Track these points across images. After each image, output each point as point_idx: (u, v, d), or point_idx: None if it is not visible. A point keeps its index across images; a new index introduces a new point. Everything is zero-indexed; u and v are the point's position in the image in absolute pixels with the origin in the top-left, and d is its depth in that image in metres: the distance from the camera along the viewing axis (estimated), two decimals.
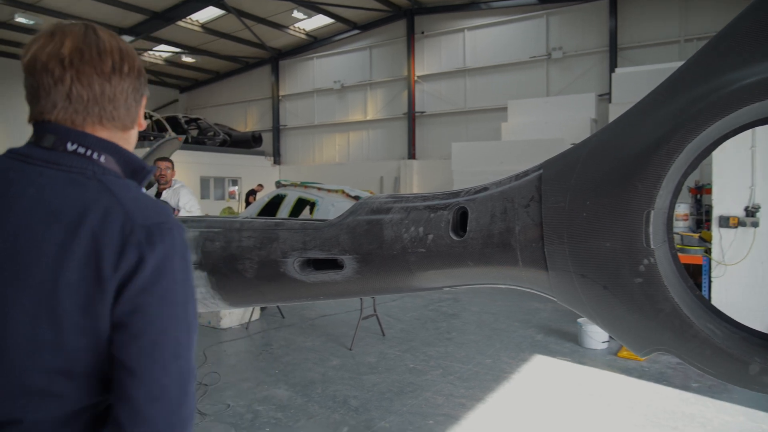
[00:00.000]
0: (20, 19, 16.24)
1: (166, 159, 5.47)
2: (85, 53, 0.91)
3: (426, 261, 2.54)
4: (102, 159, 0.94)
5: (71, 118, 0.92)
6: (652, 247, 1.44)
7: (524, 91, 15.59)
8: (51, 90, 0.90)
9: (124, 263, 0.85)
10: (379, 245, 2.62)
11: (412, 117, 17.95)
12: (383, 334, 5.98)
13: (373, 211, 2.73)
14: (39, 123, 0.94)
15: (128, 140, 1.02)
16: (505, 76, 16.35)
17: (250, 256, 2.90)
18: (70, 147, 0.92)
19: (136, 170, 1.00)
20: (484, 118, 16.62)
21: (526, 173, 2.13)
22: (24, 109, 0.99)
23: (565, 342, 5.77)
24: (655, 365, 4.92)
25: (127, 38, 17.32)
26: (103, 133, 0.96)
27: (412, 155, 17.98)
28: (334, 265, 2.80)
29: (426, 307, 7.43)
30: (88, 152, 0.93)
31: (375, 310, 6.06)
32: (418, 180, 17.75)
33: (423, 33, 17.75)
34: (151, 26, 16.78)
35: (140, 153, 9.95)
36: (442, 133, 17.56)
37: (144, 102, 1.04)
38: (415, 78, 17.95)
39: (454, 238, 2.42)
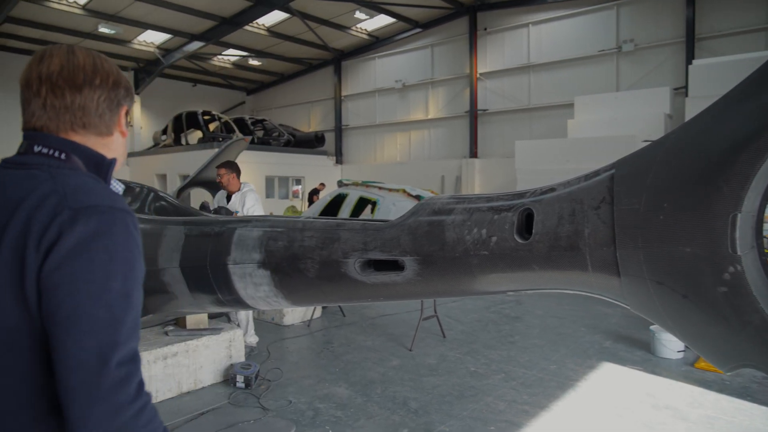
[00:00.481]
0: (103, 30, 17.33)
1: (225, 165, 5.53)
2: (63, 70, 1.04)
3: (489, 264, 2.48)
4: (62, 156, 1.03)
5: (46, 125, 1.05)
6: (738, 253, 1.32)
7: (592, 86, 15.00)
8: (31, 101, 1.05)
9: (44, 242, 0.90)
10: (440, 247, 2.58)
11: (474, 115, 17.70)
12: (444, 336, 5.92)
13: (434, 212, 2.69)
14: (24, 131, 1.08)
15: (108, 145, 1.12)
16: (571, 72, 15.80)
17: (312, 255, 2.93)
18: (36, 149, 1.04)
19: (97, 164, 1.08)
20: (549, 116, 16.14)
21: (596, 173, 2.03)
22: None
23: (636, 350, 5.49)
24: (738, 379, 4.58)
25: (198, 43, 18.13)
26: (76, 138, 1.07)
27: (474, 154, 17.73)
28: (395, 266, 2.78)
29: (487, 309, 7.29)
30: (51, 151, 1.03)
31: (435, 311, 6.00)
32: (479, 179, 17.49)
33: (486, 29, 17.46)
34: (221, 31, 17.44)
35: (209, 154, 10.36)
36: (505, 131, 17.21)
37: (123, 111, 1.14)
38: (478, 75, 17.68)
39: (519, 240, 2.34)
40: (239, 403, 4.11)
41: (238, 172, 5.55)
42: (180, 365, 4.24)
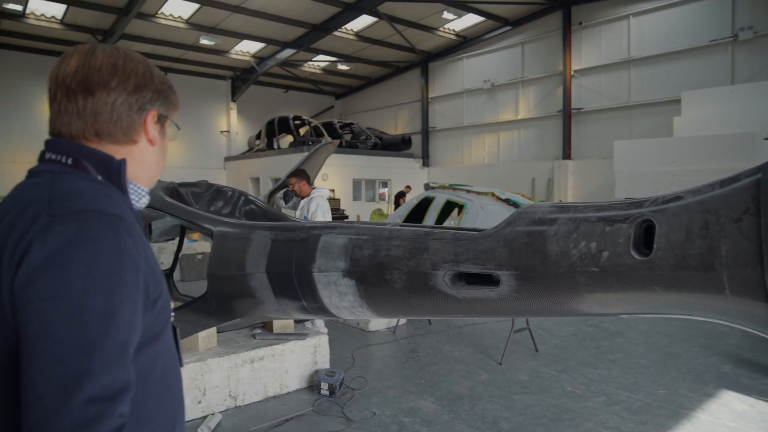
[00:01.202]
0: (204, 41, 18.38)
1: (294, 174, 6.01)
2: (77, 72, 0.95)
3: (599, 282, 2.19)
4: (69, 161, 0.95)
5: (62, 131, 0.98)
6: None
7: (701, 80, 13.71)
8: (51, 106, 0.99)
9: (17, 253, 0.79)
10: (541, 261, 2.31)
11: (567, 114, 16.83)
12: (536, 350, 5.55)
13: (534, 221, 2.43)
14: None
15: (130, 155, 1.02)
16: (677, 65, 14.55)
17: (399, 266, 2.77)
18: (46, 156, 0.98)
19: (106, 167, 0.97)
20: (652, 113, 14.98)
21: (735, 179, 1.71)
22: None
23: (763, 377, 4.82)
24: None
25: (289, 51, 18.72)
26: (91, 145, 0.98)
27: (567, 155, 16.85)
28: (489, 280, 2.55)
29: (584, 322, 6.78)
30: (58, 157, 0.96)
31: (527, 323, 5.65)
32: (573, 181, 16.59)
33: (581, 24, 16.54)
34: (311, 38, 17.89)
35: (298, 157, 10.58)
36: (602, 131, 16.19)
37: (149, 117, 1.02)
38: (572, 73, 16.79)
39: (636, 257, 2.05)
40: (323, 411, 4.04)
41: (307, 178, 5.95)
42: (266, 369, 4.25)
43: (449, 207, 9.28)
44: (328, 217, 5.70)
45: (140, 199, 1.06)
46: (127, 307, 0.81)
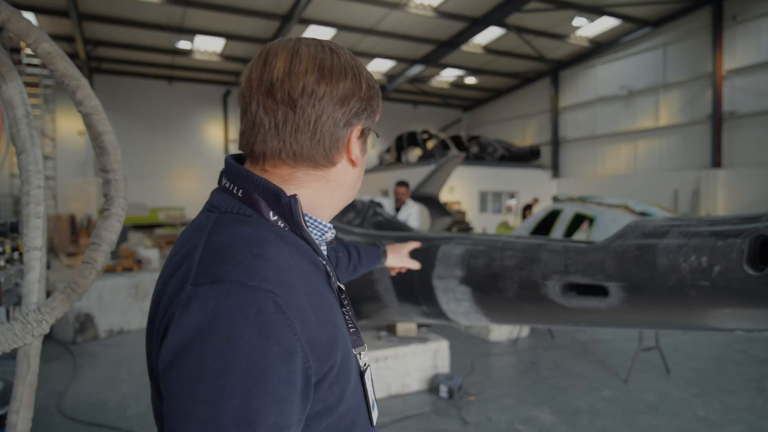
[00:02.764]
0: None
1: (402, 184, 7.01)
2: (281, 78, 0.80)
3: (711, 297, 2.22)
4: (240, 193, 0.82)
5: (252, 147, 0.84)
6: None
7: None
8: (243, 117, 0.85)
9: (160, 330, 0.71)
10: (651, 274, 2.38)
11: (717, 119, 15.32)
12: (667, 371, 5.26)
13: (645, 235, 2.50)
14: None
15: (326, 177, 0.86)
16: None
17: (511, 275, 2.96)
18: (222, 182, 0.86)
19: (275, 200, 0.81)
20: None
21: None
22: None
23: None
24: None
25: (418, 67, 19.36)
26: (284, 169, 0.84)
27: (716, 164, 15.33)
28: (599, 291, 2.64)
29: (729, 346, 6.24)
30: (231, 186, 0.84)
31: (657, 342, 5.38)
32: (724, 193, 15.03)
33: (735, 18, 15.02)
34: (439, 54, 18.36)
35: (426, 170, 10.98)
36: (761, 137, 14.50)
37: (353, 133, 0.86)
38: (723, 73, 15.28)
39: (751, 272, 2.07)
40: (441, 412, 4.28)
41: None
42: (390, 368, 4.60)
43: (578, 220, 9.03)
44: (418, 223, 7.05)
45: (323, 235, 0.90)
46: (272, 410, 0.65)
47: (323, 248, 0.93)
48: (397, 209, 6.91)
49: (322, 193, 0.87)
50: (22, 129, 1.36)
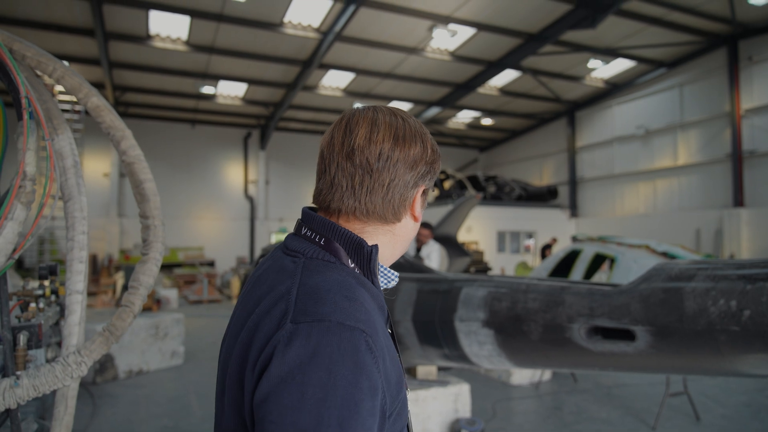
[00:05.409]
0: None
1: (426, 227, 7.12)
2: (360, 146, 0.91)
3: (741, 342, 2.18)
4: (322, 241, 0.91)
5: (328, 204, 0.94)
6: None
7: None
8: (322, 176, 0.95)
9: (260, 362, 0.77)
10: (678, 318, 2.36)
11: (738, 158, 15.21)
12: (697, 418, 5.08)
13: (671, 278, 2.48)
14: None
15: (392, 231, 0.96)
16: None
17: (535, 318, 2.93)
18: (302, 231, 0.94)
19: (356, 249, 0.90)
20: None
21: None
22: None
23: None
24: None
25: (435, 109, 19.69)
26: (355, 224, 0.94)
27: (738, 203, 15.13)
28: (625, 335, 2.61)
29: (761, 392, 6.02)
30: (313, 235, 0.92)
31: (685, 387, 5.22)
32: (748, 232, 14.77)
33: (751, 59, 15.11)
34: (456, 96, 18.68)
35: (443, 211, 11.02)
36: None
37: (419, 193, 0.97)
38: (742, 112, 15.27)
39: None
40: None
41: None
42: (410, 413, 4.52)
43: (598, 260, 8.93)
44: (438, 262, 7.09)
45: (389, 283, 0.99)
46: None
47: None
48: (418, 249, 6.96)
49: (387, 246, 0.97)
50: (70, 178, 1.44)
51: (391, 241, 0.96)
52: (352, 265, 0.90)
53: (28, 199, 1.30)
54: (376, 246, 0.91)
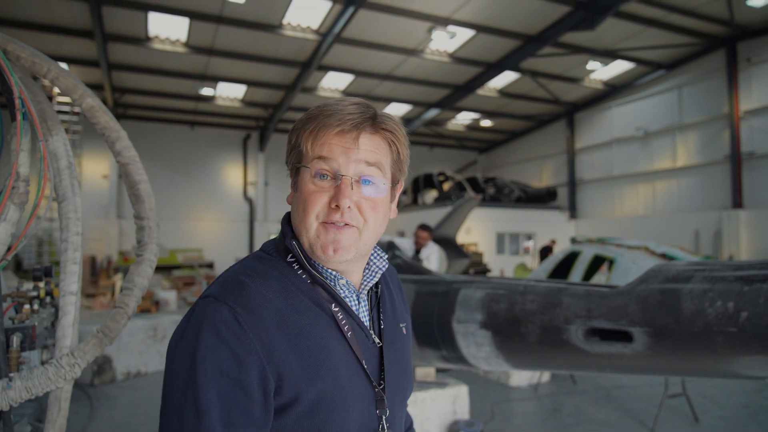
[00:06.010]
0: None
1: (425, 229, 7.14)
2: None
3: (738, 343, 2.18)
4: (277, 238, 1.02)
5: None
6: None
7: None
8: None
9: None
10: (675, 319, 2.36)
11: (737, 159, 15.23)
12: (696, 419, 5.08)
13: (668, 279, 2.48)
14: None
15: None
16: None
17: (533, 319, 2.93)
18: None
19: (284, 245, 0.98)
20: None
21: None
22: None
23: None
24: None
25: (434, 111, 19.70)
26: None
27: (737, 204, 15.14)
28: (623, 336, 2.60)
29: (759, 393, 6.02)
30: (283, 234, 1.00)
31: (684, 388, 5.22)
32: (747, 234, 14.77)
33: (749, 60, 15.13)
34: (455, 98, 18.69)
35: (442, 212, 11.02)
36: None
37: (292, 175, 1.00)
38: (740, 114, 15.29)
39: None
40: None
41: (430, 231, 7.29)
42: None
43: (597, 262, 8.93)
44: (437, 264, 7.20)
45: (337, 281, 0.99)
46: (221, 406, 0.78)
47: (347, 292, 0.98)
48: (417, 251, 6.99)
49: (293, 213, 0.99)
50: (64, 179, 1.43)
51: (294, 208, 0.97)
52: (291, 259, 0.94)
53: (21, 200, 1.29)
54: (290, 240, 0.94)
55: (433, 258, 6.93)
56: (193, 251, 20.41)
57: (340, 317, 0.91)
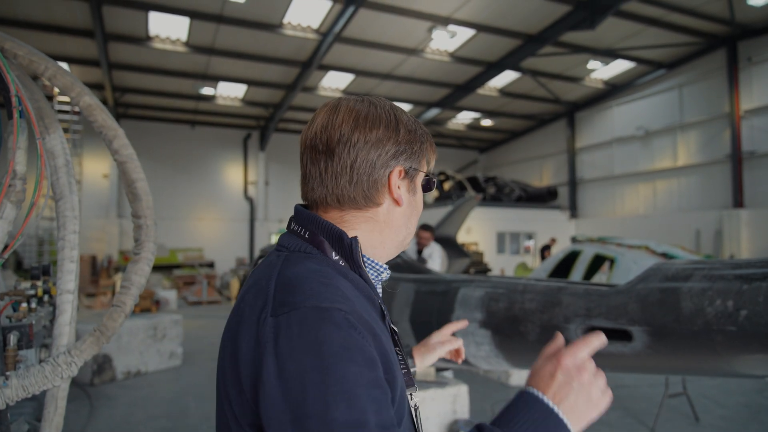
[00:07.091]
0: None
1: (427, 229, 7.07)
2: (322, 132, 0.90)
3: (737, 342, 2.17)
4: (306, 234, 0.91)
5: (306, 196, 0.95)
6: None
7: None
8: (301, 171, 0.95)
9: (254, 364, 0.76)
10: (675, 318, 2.35)
11: (737, 159, 15.21)
12: (696, 419, 5.07)
13: (667, 278, 2.47)
14: None
15: (373, 218, 0.93)
16: None
17: (532, 318, 2.92)
18: (291, 227, 0.95)
19: (337, 241, 0.89)
20: None
21: None
22: None
23: None
24: None
25: (435, 110, 19.68)
26: (333, 213, 0.92)
27: (738, 203, 15.13)
28: (622, 335, 2.60)
29: (760, 393, 6.01)
30: (299, 228, 0.92)
31: (684, 388, 5.21)
32: (748, 233, 14.76)
33: (750, 60, 15.12)
34: (455, 97, 18.69)
35: (443, 212, 11.02)
36: None
37: (393, 174, 0.92)
38: (741, 113, 15.27)
39: None
40: None
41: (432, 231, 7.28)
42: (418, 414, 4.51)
43: (598, 261, 8.92)
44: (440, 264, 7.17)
45: (379, 275, 0.97)
46: (374, 410, 0.70)
47: (378, 288, 0.98)
48: (420, 251, 6.99)
49: (372, 234, 0.93)
50: (61, 177, 1.43)
51: (375, 228, 0.93)
52: (337, 257, 0.89)
53: (18, 198, 1.29)
54: (355, 238, 0.89)
55: (435, 258, 6.93)
56: (193, 251, 20.42)
57: (383, 309, 0.92)
